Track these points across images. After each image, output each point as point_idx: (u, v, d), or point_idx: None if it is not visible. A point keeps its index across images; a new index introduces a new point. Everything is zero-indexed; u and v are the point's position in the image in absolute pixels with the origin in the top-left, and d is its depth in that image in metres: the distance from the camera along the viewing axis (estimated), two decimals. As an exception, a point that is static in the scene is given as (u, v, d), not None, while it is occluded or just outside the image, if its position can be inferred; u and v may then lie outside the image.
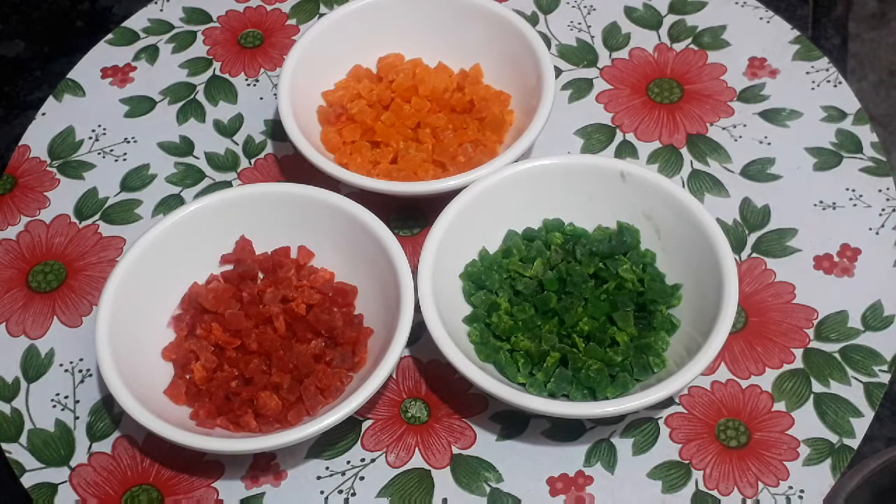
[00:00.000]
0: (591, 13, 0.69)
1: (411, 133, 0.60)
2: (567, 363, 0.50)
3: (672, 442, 0.51)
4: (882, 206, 0.59)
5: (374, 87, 0.62)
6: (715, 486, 0.50)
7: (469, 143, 0.59)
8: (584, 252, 0.54)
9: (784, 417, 0.52)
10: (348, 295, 0.54)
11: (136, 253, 0.53)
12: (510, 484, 0.50)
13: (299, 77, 0.60)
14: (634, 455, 0.51)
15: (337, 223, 0.54)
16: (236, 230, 0.56)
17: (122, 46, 0.69)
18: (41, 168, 0.63)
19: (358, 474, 0.51)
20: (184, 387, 0.51)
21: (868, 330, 0.54)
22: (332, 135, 0.60)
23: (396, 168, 0.59)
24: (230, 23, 0.70)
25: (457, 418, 0.52)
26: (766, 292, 0.56)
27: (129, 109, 0.65)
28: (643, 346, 0.51)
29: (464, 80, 0.63)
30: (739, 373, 0.53)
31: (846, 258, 0.57)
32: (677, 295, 0.53)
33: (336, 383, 0.51)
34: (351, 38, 0.63)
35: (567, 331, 0.51)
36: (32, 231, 0.60)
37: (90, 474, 0.51)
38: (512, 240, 0.55)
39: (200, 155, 0.63)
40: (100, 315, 0.50)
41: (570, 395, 0.50)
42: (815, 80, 0.64)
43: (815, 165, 0.61)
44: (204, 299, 0.53)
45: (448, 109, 0.61)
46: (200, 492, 0.50)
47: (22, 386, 0.54)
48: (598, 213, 0.55)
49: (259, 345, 0.52)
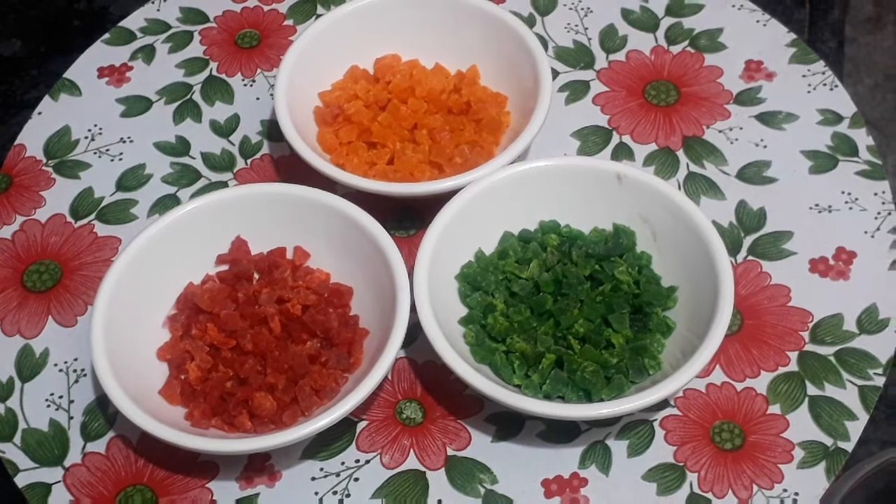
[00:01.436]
0: (588, 15, 0.69)
1: (408, 134, 0.60)
2: (562, 365, 0.50)
3: (667, 444, 0.51)
4: (878, 209, 0.59)
5: (370, 87, 0.62)
6: (709, 489, 0.50)
7: (466, 145, 0.59)
8: (580, 254, 0.54)
9: (779, 420, 0.52)
10: (344, 296, 0.54)
11: (132, 253, 0.53)
12: (505, 485, 0.50)
13: (296, 78, 0.60)
14: (629, 457, 0.51)
15: (333, 224, 0.54)
16: (232, 231, 0.56)
17: (119, 46, 0.69)
18: (37, 167, 0.63)
19: (353, 475, 0.51)
20: (178, 387, 0.51)
21: (863, 333, 0.54)
22: (328, 135, 0.60)
23: (393, 169, 0.59)
24: (227, 23, 0.70)
25: (452, 420, 0.52)
26: (761, 295, 0.56)
27: (125, 109, 0.65)
28: (638, 349, 0.51)
29: (461, 81, 0.63)
30: (734, 375, 0.53)
31: (842, 261, 0.57)
32: (673, 297, 0.53)
33: (331, 384, 0.51)
34: (348, 38, 0.63)
35: (562, 332, 0.51)
36: (28, 230, 0.60)
37: (84, 474, 0.51)
38: (508, 241, 0.55)
39: (197, 155, 0.63)
40: (95, 315, 0.50)
41: (565, 396, 0.50)
42: (811, 84, 0.64)
43: (811, 168, 0.61)
44: (199, 299, 0.53)
45: (445, 111, 0.61)
46: (195, 492, 0.50)
47: (16, 385, 0.54)
48: (594, 215, 0.55)
49: (254, 345, 0.51)
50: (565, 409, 0.48)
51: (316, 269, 0.56)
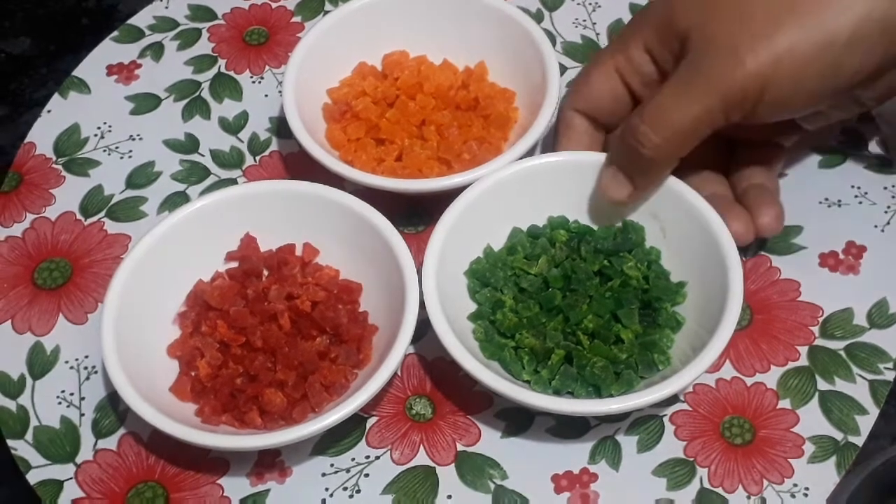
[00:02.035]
0: (596, 10, 0.69)
1: (416, 130, 0.60)
2: (572, 360, 0.50)
3: (677, 439, 0.51)
4: (887, 203, 0.59)
5: (378, 84, 0.62)
6: (720, 484, 0.50)
7: (474, 141, 0.59)
8: (588, 249, 0.54)
9: (789, 415, 0.52)
10: (353, 292, 0.54)
11: (141, 251, 0.53)
12: (515, 481, 0.50)
13: (304, 74, 0.60)
14: (639, 452, 0.51)
15: (342, 221, 0.54)
16: (241, 228, 0.56)
17: (128, 44, 0.69)
18: (47, 165, 0.63)
19: (363, 471, 0.51)
20: (189, 384, 0.51)
21: (873, 328, 0.54)
22: (336, 132, 0.60)
23: (401, 165, 0.59)
24: (235, 20, 0.70)
25: (461, 415, 0.52)
26: (771, 290, 0.56)
27: (134, 107, 0.66)
28: (648, 344, 0.51)
29: (469, 77, 0.63)
30: (744, 370, 0.53)
31: (851, 255, 0.57)
32: (682, 292, 0.53)
33: (341, 380, 0.51)
34: (356, 35, 0.63)
35: (572, 328, 0.51)
36: (38, 228, 0.60)
37: (96, 471, 0.51)
38: (517, 237, 0.55)
39: (206, 152, 0.63)
40: (105, 313, 0.50)
41: (574, 392, 0.50)
42: (820, 78, 0.64)
43: (821, 163, 0.60)
44: (209, 296, 0.53)
45: (453, 107, 0.61)
46: (205, 488, 0.51)
47: (27, 383, 0.54)
48: (603, 211, 0.55)
49: (264, 342, 0.52)
50: (575, 405, 0.48)
51: (325, 265, 0.56)
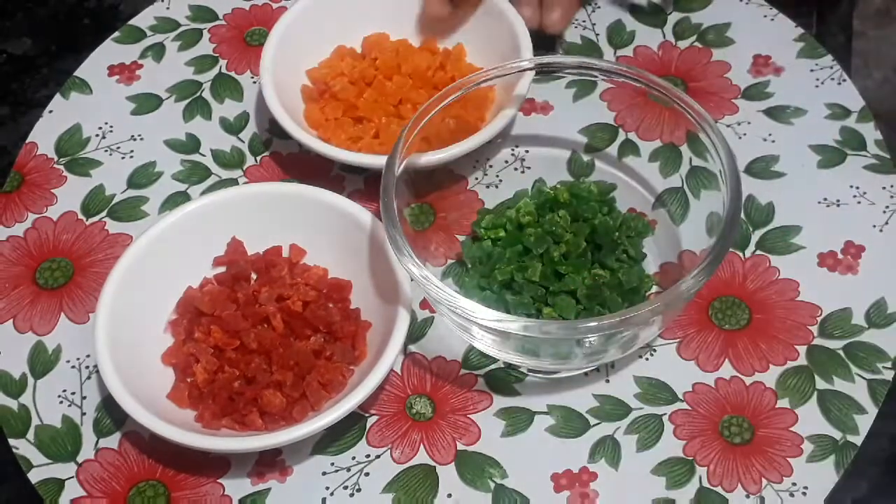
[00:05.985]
0: (595, 11, 0.69)
1: (393, 109, 0.61)
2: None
3: (676, 438, 0.51)
4: (886, 203, 0.59)
5: (356, 64, 0.63)
6: (719, 483, 0.50)
7: (451, 119, 0.59)
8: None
9: (788, 414, 0.52)
10: (343, 289, 0.54)
11: (126, 262, 0.53)
12: (515, 480, 0.50)
13: (283, 55, 0.61)
14: (638, 451, 0.51)
15: (327, 219, 0.55)
16: (226, 232, 0.56)
17: (129, 44, 0.69)
18: (48, 165, 0.63)
19: (363, 470, 0.51)
20: (186, 390, 0.52)
21: (872, 327, 0.54)
22: (315, 112, 0.61)
23: (378, 142, 0.60)
24: (236, 21, 0.70)
25: (461, 414, 0.53)
26: (770, 289, 0.56)
27: (135, 107, 0.66)
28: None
29: (446, 58, 0.64)
30: (743, 370, 0.53)
31: (850, 255, 0.57)
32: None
33: (338, 377, 0.51)
34: (336, 18, 0.64)
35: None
36: (40, 228, 0.60)
37: (97, 470, 0.51)
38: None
39: (207, 152, 0.63)
40: (98, 323, 0.50)
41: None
42: (819, 78, 0.64)
43: (820, 163, 0.61)
44: (200, 302, 0.53)
45: (430, 87, 0.62)
46: (207, 487, 0.51)
47: (29, 382, 0.54)
48: None
49: (259, 344, 0.52)
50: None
51: (313, 265, 0.56)
